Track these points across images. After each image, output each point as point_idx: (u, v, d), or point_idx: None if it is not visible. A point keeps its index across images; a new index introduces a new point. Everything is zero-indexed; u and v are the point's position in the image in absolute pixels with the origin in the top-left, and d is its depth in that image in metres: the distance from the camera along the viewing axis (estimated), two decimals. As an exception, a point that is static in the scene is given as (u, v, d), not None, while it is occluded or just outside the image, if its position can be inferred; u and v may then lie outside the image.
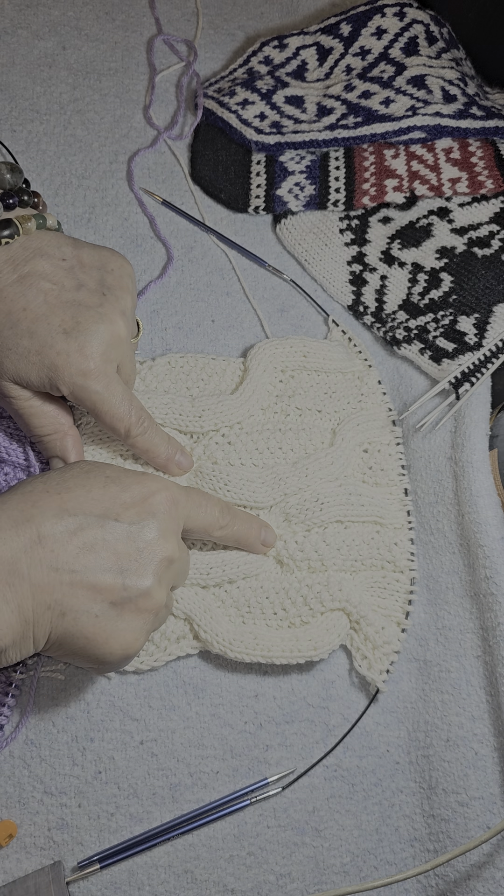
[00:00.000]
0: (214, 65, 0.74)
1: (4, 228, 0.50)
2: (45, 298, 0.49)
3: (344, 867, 0.52)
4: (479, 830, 0.51)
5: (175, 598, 0.53)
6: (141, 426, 0.52)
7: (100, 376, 0.50)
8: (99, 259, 0.53)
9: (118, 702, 0.53)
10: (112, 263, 0.53)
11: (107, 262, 0.53)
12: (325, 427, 0.59)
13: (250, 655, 0.52)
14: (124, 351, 0.52)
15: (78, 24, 0.73)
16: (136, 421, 0.52)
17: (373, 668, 0.54)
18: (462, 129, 0.66)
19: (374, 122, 0.66)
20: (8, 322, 0.49)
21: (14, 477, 0.55)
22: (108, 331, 0.50)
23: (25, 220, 0.51)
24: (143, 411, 0.53)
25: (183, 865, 0.51)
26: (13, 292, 0.49)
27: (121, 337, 0.51)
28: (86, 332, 0.49)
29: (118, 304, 0.52)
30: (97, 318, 0.50)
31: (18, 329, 0.49)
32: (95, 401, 0.50)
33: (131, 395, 0.52)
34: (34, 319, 0.49)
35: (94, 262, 0.53)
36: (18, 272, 0.50)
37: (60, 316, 0.49)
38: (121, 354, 0.52)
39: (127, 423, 0.52)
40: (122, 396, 0.51)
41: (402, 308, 0.63)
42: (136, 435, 0.52)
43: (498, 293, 0.61)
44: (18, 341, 0.49)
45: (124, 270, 0.54)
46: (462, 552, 0.55)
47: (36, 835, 0.51)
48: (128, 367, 0.53)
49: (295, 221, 0.67)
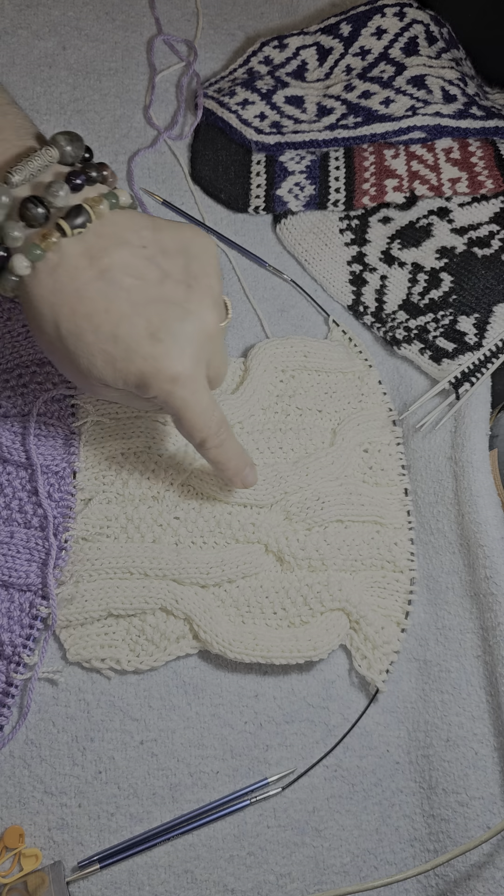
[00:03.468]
0: (214, 65, 0.74)
1: (75, 216, 0.44)
2: (127, 296, 0.45)
3: (344, 867, 0.52)
4: (479, 830, 0.51)
5: (175, 598, 0.53)
6: (218, 438, 0.49)
7: (188, 382, 0.46)
8: (181, 242, 0.47)
9: (118, 702, 0.53)
10: (195, 246, 0.48)
11: (189, 244, 0.48)
12: (326, 427, 0.59)
13: (250, 655, 0.52)
14: (214, 344, 0.48)
15: (78, 24, 0.73)
16: (214, 432, 0.49)
17: (372, 668, 0.54)
18: (462, 129, 0.66)
19: (374, 122, 0.66)
20: (90, 326, 0.44)
21: (16, 476, 0.55)
22: (197, 328, 0.46)
23: (97, 203, 0.45)
24: (224, 422, 0.49)
25: (183, 865, 0.51)
26: (93, 291, 0.44)
27: (210, 332, 0.47)
28: (173, 334, 0.45)
29: (207, 295, 0.47)
30: (184, 314, 0.46)
31: (101, 334, 0.44)
32: (180, 407, 0.47)
33: (214, 405, 0.49)
34: (117, 322, 0.44)
35: (176, 246, 0.47)
36: (96, 266, 0.44)
37: (145, 316, 0.45)
38: (210, 350, 0.47)
39: (204, 434, 0.49)
40: (206, 405, 0.48)
41: (402, 308, 0.63)
42: (211, 446, 0.49)
43: (498, 293, 0.61)
44: (103, 347, 0.45)
45: (209, 252, 0.48)
46: (462, 552, 0.55)
47: (36, 835, 0.51)
48: (218, 358, 0.49)
49: (295, 221, 0.67)
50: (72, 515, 0.55)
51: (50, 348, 0.46)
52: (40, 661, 0.52)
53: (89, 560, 0.53)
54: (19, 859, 0.50)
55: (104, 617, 0.53)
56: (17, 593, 0.53)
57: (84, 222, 0.44)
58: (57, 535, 0.54)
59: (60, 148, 0.45)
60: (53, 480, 0.55)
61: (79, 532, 0.54)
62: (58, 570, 0.53)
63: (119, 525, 0.55)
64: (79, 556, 0.54)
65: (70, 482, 0.55)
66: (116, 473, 0.56)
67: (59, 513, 0.54)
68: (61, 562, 0.53)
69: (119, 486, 0.56)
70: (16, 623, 0.52)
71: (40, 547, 0.53)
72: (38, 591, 0.53)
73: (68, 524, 0.54)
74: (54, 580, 0.52)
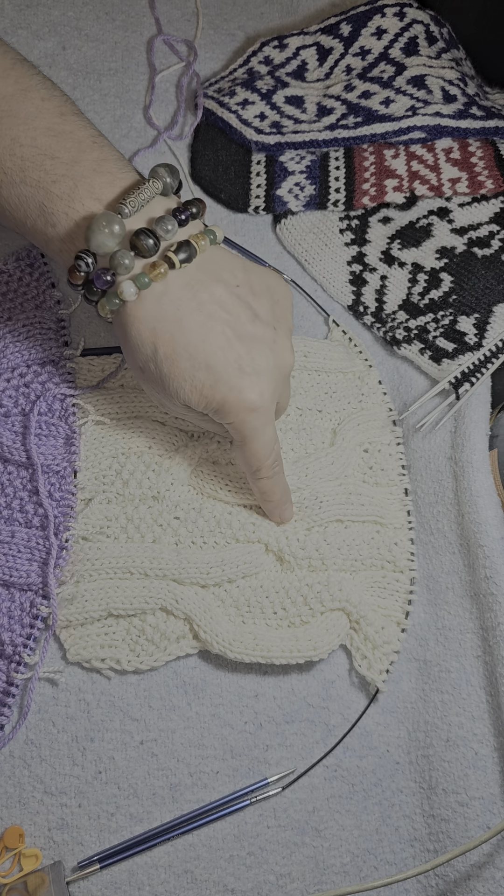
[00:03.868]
0: (214, 65, 0.74)
1: (183, 251, 0.48)
2: (223, 330, 0.48)
3: (344, 867, 0.52)
4: (479, 830, 0.51)
5: (175, 598, 0.53)
6: (272, 469, 0.52)
7: (262, 413, 0.49)
8: (266, 285, 0.52)
9: (118, 702, 0.53)
10: (278, 291, 0.52)
11: (274, 289, 0.52)
12: (326, 427, 0.59)
13: (250, 655, 0.52)
14: (287, 381, 0.52)
15: (78, 24, 0.73)
16: (269, 465, 0.52)
17: (373, 668, 0.54)
18: (462, 129, 0.66)
19: (374, 122, 0.66)
20: (186, 354, 0.48)
21: (17, 475, 0.55)
22: (280, 366, 0.50)
23: (200, 239, 0.48)
24: (279, 456, 0.53)
25: (183, 865, 0.51)
26: (193, 322, 0.48)
27: (288, 370, 0.51)
28: (260, 371, 0.49)
29: (287, 338, 0.51)
30: (270, 354, 0.50)
31: (196, 361, 0.48)
32: (249, 435, 0.50)
33: (276, 439, 0.52)
34: (212, 353, 0.48)
35: (263, 288, 0.51)
36: (197, 299, 0.48)
37: (237, 351, 0.48)
38: (284, 386, 0.52)
39: (263, 464, 0.52)
40: (271, 437, 0.51)
41: (402, 308, 0.63)
42: (264, 477, 0.52)
43: (498, 293, 0.61)
44: (195, 374, 0.48)
45: (287, 297, 0.53)
46: (462, 552, 0.55)
47: (36, 835, 0.51)
48: (286, 395, 0.53)
49: (295, 221, 0.67)
50: (72, 515, 0.55)
51: (143, 369, 0.49)
52: (41, 660, 0.52)
53: (89, 560, 0.53)
54: (19, 859, 0.50)
55: (104, 617, 0.53)
56: (18, 593, 0.53)
57: (190, 257, 0.48)
58: (58, 534, 0.54)
59: (162, 180, 0.49)
60: (54, 480, 0.55)
61: (79, 532, 0.54)
62: (58, 570, 0.53)
63: (119, 525, 0.55)
64: (79, 555, 0.54)
65: (71, 482, 0.55)
66: (117, 473, 0.56)
67: (59, 512, 0.54)
68: (62, 561, 0.53)
69: (119, 486, 0.56)
70: (16, 622, 0.52)
71: (41, 546, 0.53)
72: (38, 590, 0.53)
73: (69, 524, 0.54)
74: (55, 580, 0.52)
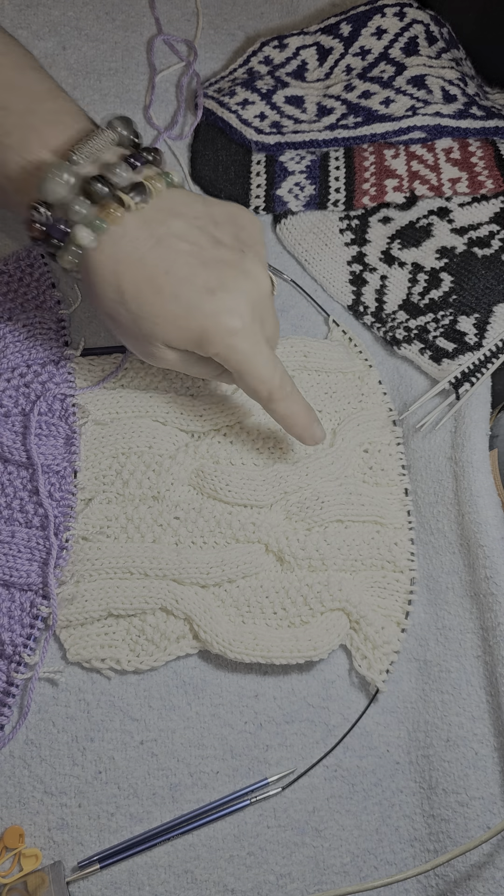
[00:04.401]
0: (214, 65, 0.74)
1: (137, 193, 0.48)
2: (185, 259, 0.48)
3: (344, 867, 0.52)
4: (479, 830, 0.51)
5: (175, 598, 0.53)
6: (283, 390, 0.51)
7: (247, 334, 0.49)
8: (230, 214, 0.52)
9: (118, 702, 0.53)
10: (242, 219, 0.52)
11: (237, 216, 0.52)
12: (326, 427, 0.59)
13: (250, 656, 0.52)
14: (268, 306, 0.51)
15: (78, 24, 0.73)
16: (279, 384, 0.50)
17: (373, 668, 0.54)
18: (462, 129, 0.66)
19: (374, 122, 0.66)
20: (152, 289, 0.48)
21: (17, 475, 0.55)
22: (254, 287, 0.49)
23: (155, 180, 0.49)
24: (287, 375, 0.51)
25: (183, 865, 0.51)
26: (154, 257, 0.48)
27: (265, 292, 0.50)
28: (232, 291, 0.48)
29: (258, 259, 0.50)
30: (241, 275, 0.49)
31: (163, 295, 0.48)
32: (242, 360, 0.49)
33: (275, 357, 0.51)
34: (178, 282, 0.48)
35: (226, 217, 0.51)
36: (155, 235, 0.48)
37: (204, 276, 0.48)
38: (265, 310, 0.50)
39: (270, 386, 0.50)
40: (267, 357, 0.50)
41: (402, 308, 0.63)
42: (278, 399, 0.51)
43: (498, 293, 0.61)
44: (165, 307, 0.48)
45: (255, 224, 0.52)
46: (462, 552, 0.55)
47: (36, 835, 0.51)
48: (271, 322, 0.52)
49: (295, 221, 0.67)
50: (73, 515, 0.55)
51: (113, 315, 0.49)
52: (41, 660, 0.52)
53: (89, 560, 0.53)
54: (19, 859, 0.50)
55: (104, 617, 0.53)
56: (18, 593, 0.53)
57: (145, 198, 0.48)
58: (58, 534, 0.54)
59: (116, 130, 0.49)
60: (54, 480, 0.55)
61: (79, 532, 0.54)
62: (58, 570, 0.53)
63: (119, 525, 0.55)
64: (79, 556, 0.54)
65: (71, 481, 0.55)
66: (117, 473, 0.56)
67: (60, 512, 0.54)
68: (62, 561, 0.53)
69: (119, 486, 0.56)
70: (16, 622, 0.52)
71: (41, 546, 0.53)
72: (38, 590, 0.53)
73: (69, 524, 0.54)
74: (55, 580, 0.52)
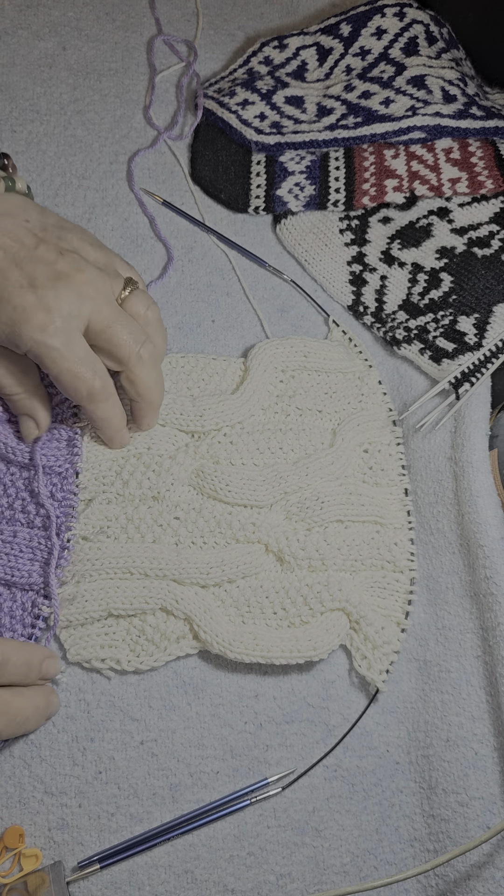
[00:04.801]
0: (214, 65, 0.74)
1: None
2: (4, 255, 0.49)
3: (344, 867, 0.52)
4: (479, 830, 0.51)
5: (175, 598, 0.53)
6: (104, 392, 0.51)
7: (59, 332, 0.48)
8: (61, 223, 0.53)
9: (118, 702, 0.53)
10: (75, 227, 0.54)
11: (67, 224, 0.54)
12: (326, 427, 0.59)
13: (250, 656, 0.52)
14: (97, 308, 0.50)
15: (78, 24, 0.73)
16: (98, 388, 0.50)
17: (372, 668, 0.54)
18: (462, 129, 0.66)
19: (374, 122, 0.66)
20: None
21: (19, 476, 0.55)
22: (68, 286, 0.49)
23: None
24: (109, 378, 0.51)
25: (183, 865, 0.51)
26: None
27: (83, 293, 0.49)
28: (44, 287, 0.48)
29: (78, 261, 0.50)
30: (55, 273, 0.49)
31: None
32: (54, 358, 0.48)
33: (95, 360, 0.50)
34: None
35: (56, 225, 0.53)
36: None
37: (18, 271, 0.49)
38: (89, 310, 0.49)
39: (88, 386, 0.50)
40: (83, 355, 0.49)
41: (402, 308, 0.63)
42: (99, 400, 0.51)
43: (498, 293, 0.61)
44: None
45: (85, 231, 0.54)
46: (462, 552, 0.55)
47: (36, 835, 0.51)
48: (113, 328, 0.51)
49: (295, 221, 0.67)
50: (74, 515, 0.55)
51: None
52: (40, 661, 0.52)
53: (90, 560, 0.53)
54: (19, 859, 0.50)
55: (104, 617, 0.53)
56: (20, 592, 0.53)
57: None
58: (59, 534, 0.54)
59: None
60: (56, 480, 0.55)
61: (80, 532, 0.54)
62: (60, 570, 0.53)
63: (119, 525, 0.55)
64: (79, 556, 0.54)
65: (73, 482, 0.55)
66: (117, 474, 0.56)
67: (61, 512, 0.54)
68: (63, 561, 0.53)
69: (119, 487, 0.56)
70: (18, 622, 0.52)
71: (43, 546, 0.53)
72: (40, 590, 0.53)
73: (71, 524, 0.54)
74: (56, 580, 0.52)
